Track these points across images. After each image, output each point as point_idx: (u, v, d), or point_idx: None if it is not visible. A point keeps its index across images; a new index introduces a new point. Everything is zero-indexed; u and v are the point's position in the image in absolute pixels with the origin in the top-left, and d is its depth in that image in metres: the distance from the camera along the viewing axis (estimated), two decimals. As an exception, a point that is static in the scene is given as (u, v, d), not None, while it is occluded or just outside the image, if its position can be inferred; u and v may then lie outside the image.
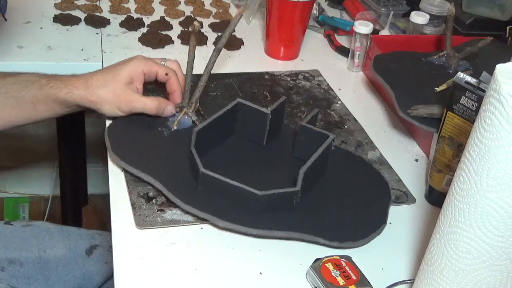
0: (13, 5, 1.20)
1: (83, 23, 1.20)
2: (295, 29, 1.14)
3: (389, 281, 0.68)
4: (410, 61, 1.03)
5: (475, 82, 0.74)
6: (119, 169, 0.80)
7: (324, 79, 1.10)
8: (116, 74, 0.83)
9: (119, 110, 0.84)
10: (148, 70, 0.85)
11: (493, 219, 0.50)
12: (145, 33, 1.18)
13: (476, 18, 1.20)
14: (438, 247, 0.57)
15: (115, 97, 0.82)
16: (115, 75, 0.83)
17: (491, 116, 0.48)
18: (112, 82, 0.82)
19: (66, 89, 0.82)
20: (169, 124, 0.87)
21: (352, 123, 0.98)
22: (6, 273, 0.95)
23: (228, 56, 1.14)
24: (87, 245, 1.03)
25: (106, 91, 0.82)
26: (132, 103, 0.83)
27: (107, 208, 0.75)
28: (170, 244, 0.70)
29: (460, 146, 0.76)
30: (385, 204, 0.78)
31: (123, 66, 0.84)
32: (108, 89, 0.82)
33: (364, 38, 1.12)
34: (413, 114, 0.87)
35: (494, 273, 0.54)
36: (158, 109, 0.85)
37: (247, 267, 0.69)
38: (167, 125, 0.86)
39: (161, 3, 1.33)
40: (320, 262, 0.67)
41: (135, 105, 0.84)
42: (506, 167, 0.48)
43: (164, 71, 0.86)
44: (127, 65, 0.84)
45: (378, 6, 1.31)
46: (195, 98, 0.87)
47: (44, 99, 0.82)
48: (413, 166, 0.90)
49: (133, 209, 0.74)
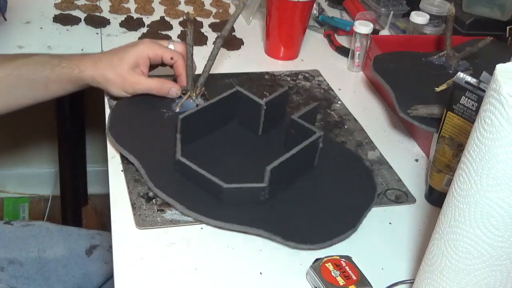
0: (13, 5, 1.20)
1: (83, 23, 1.20)
2: (295, 29, 1.14)
3: (389, 281, 0.68)
4: (410, 61, 1.03)
5: (475, 82, 0.74)
6: (119, 169, 0.80)
7: (324, 79, 1.10)
8: (122, 57, 0.87)
9: (124, 91, 0.89)
10: (153, 54, 0.88)
11: (493, 219, 0.50)
12: (145, 33, 1.18)
13: (476, 18, 1.20)
14: (438, 247, 0.57)
15: (121, 80, 0.87)
16: (122, 58, 0.87)
17: (491, 116, 0.48)
18: (119, 65, 0.87)
19: (78, 69, 0.86)
20: (173, 106, 0.90)
21: (352, 123, 0.98)
22: (6, 273, 0.95)
23: (228, 56, 1.14)
24: (87, 245, 1.03)
25: (113, 73, 0.87)
26: (136, 85, 0.88)
27: (107, 208, 0.75)
28: (170, 244, 0.70)
29: (460, 146, 0.76)
30: (361, 210, 0.76)
31: (130, 49, 0.88)
32: (115, 72, 0.87)
33: (364, 38, 1.12)
34: (413, 114, 0.87)
35: (494, 273, 0.54)
36: (162, 90, 0.89)
37: (247, 267, 0.69)
38: (171, 108, 0.89)
39: (161, 3, 1.33)
40: (320, 262, 0.67)
41: (139, 87, 0.88)
42: (506, 167, 0.48)
43: (170, 55, 0.89)
44: (133, 48, 0.88)
45: (378, 6, 1.31)
46: (200, 82, 0.90)
47: (56, 79, 0.86)
48: (413, 166, 0.90)
49: (133, 209, 0.74)
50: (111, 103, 0.93)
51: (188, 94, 0.90)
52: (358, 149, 0.91)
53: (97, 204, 1.89)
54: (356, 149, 0.91)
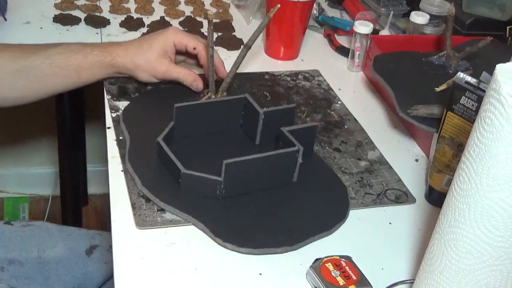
0: (13, 5, 1.20)
1: (83, 23, 1.20)
2: (295, 29, 1.14)
3: (389, 281, 0.68)
4: (410, 61, 1.03)
5: (475, 82, 0.74)
6: (119, 168, 0.81)
7: (324, 79, 1.10)
8: (151, 44, 0.91)
9: (154, 77, 0.93)
10: (178, 41, 0.92)
11: (493, 219, 0.50)
12: (145, 33, 1.18)
13: (476, 18, 1.20)
14: (438, 247, 0.57)
15: (150, 66, 0.91)
16: (151, 45, 0.91)
17: (491, 116, 0.48)
18: (148, 51, 0.91)
19: (110, 57, 0.90)
20: None
21: (352, 123, 0.98)
22: (6, 273, 0.95)
23: (228, 56, 1.14)
24: (87, 245, 1.03)
25: (143, 59, 0.91)
26: (166, 72, 0.92)
27: (107, 208, 0.75)
28: (170, 244, 0.70)
29: (460, 146, 0.76)
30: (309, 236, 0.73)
31: (158, 36, 0.93)
32: (144, 58, 0.91)
33: (364, 38, 1.12)
34: (413, 114, 0.87)
35: (494, 273, 0.54)
36: (188, 78, 0.93)
37: (247, 267, 0.69)
38: None
39: (161, 3, 1.33)
40: (320, 262, 0.67)
41: (169, 73, 0.92)
42: (506, 167, 0.48)
43: (193, 45, 0.93)
44: (161, 35, 0.92)
45: (378, 6, 1.31)
46: (222, 87, 0.91)
47: (89, 67, 0.90)
48: (413, 166, 0.90)
49: (133, 209, 0.74)
50: (111, 103, 0.93)
51: (208, 95, 0.91)
52: (358, 149, 0.91)
53: (97, 204, 1.90)
54: (356, 149, 0.91)
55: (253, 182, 0.77)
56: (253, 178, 0.77)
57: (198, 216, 0.73)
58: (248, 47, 0.90)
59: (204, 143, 0.86)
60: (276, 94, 1.03)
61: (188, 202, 0.74)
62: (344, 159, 0.89)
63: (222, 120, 0.88)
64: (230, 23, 1.27)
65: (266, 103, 0.99)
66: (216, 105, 0.87)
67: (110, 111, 0.92)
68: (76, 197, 1.68)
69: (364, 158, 0.89)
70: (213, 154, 0.83)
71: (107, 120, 0.90)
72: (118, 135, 0.86)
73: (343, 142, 0.93)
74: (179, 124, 0.83)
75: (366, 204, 0.80)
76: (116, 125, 0.89)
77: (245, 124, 0.89)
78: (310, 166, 0.83)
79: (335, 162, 0.88)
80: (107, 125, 0.89)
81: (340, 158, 0.89)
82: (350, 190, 0.82)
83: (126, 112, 0.90)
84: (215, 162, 0.76)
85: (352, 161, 0.88)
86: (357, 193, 0.82)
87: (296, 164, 0.79)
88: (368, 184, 0.84)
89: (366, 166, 0.88)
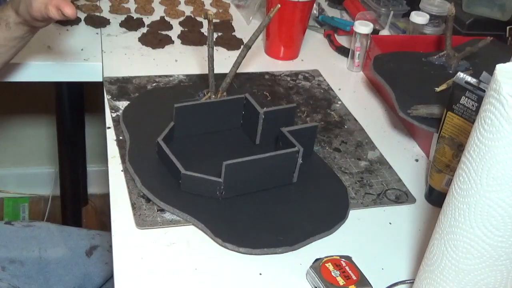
0: (13, 5, 1.20)
1: (83, 23, 1.20)
2: (295, 29, 1.14)
3: (389, 281, 0.69)
4: (410, 61, 1.03)
5: (475, 82, 0.74)
6: (119, 168, 0.81)
7: (324, 79, 1.10)
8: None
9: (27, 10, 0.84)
10: None
11: (493, 219, 0.50)
12: (145, 33, 1.18)
13: (476, 18, 1.20)
14: (438, 247, 0.57)
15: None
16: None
17: (491, 116, 0.48)
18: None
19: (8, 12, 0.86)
20: None
21: (352, 123, 0.98)
22: (7, 273, 0.95)
23: (228, 56, 1.14)
24: (87, 246, 1.03)
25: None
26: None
27: (107, 208, 0.75)
28: (170, 244, 0.70)
29: (460, 146, 0.76)
30: (309, 236, 0.73)
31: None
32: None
33: (364, 38, 1.12)
34: (413, 114, 0.87)
35: (494, 273, 0.54)
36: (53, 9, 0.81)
37: (247, 267, 0.69)
38: None
39: (161, 3, 1.33)
40: (320, 262, 0.67)
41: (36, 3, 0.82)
42: (506, 167, 0.48)
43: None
44: None
45: (378, 6, 1.31)
46: (222, 87, 0.91)
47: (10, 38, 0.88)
48: (413, 166, 0.90)
49: (133, 209, 0.74)
50: (111, 103, 0.93)
51: (208, 95, 0.91)
52: (358, 149, 0.91)
53: (97, 204, 1.89)
54: (356, 149, 0.91)
55: (253, 183, 0.77)
56: (253, 178, 0.77)
57: (198, 216, 0.73)
58: (248, 47, 0.90)
59: (204, 143, 0.86)
60: (276, 94, 1.03)
61: (188, 202, 0.74)
62: (344, 159, 0.89)
63: (222, 120, 0.88)
64: (230, 23, 1.27)
65: (266, 103, 0.99)
66: (216, 105, 0.87)
67: (110, 111, 0.92)
68: (76, 197, 1.68)
69: (364, 158, 0.89)
70: (213, 154, 0.84)
71: (107, 120, 0.90)
72: (118, 135, 0.87)
73: (343, 142, 0.93)
74: (179, 124, 0.84)
75: (366, 204, 0.81)
76: (116, 125, 0.89)
77: (245, 124, 0.89)
78: (310, 166, 0.83)
79: (335, 162, 0.88)
80: (107, 125, 0.89)
81: (340, 158, 0.89)
82: (350, 190, 0.82)
83: (126, 112, 0.90)
84: (215, 162, 0.76)
85: (352, 161, 0.88)
86: (357, 193, 0.82)
87: (296, 165, 0.79)
88: (368, 184, 0.84)
89: (366, 166, 0.88)
